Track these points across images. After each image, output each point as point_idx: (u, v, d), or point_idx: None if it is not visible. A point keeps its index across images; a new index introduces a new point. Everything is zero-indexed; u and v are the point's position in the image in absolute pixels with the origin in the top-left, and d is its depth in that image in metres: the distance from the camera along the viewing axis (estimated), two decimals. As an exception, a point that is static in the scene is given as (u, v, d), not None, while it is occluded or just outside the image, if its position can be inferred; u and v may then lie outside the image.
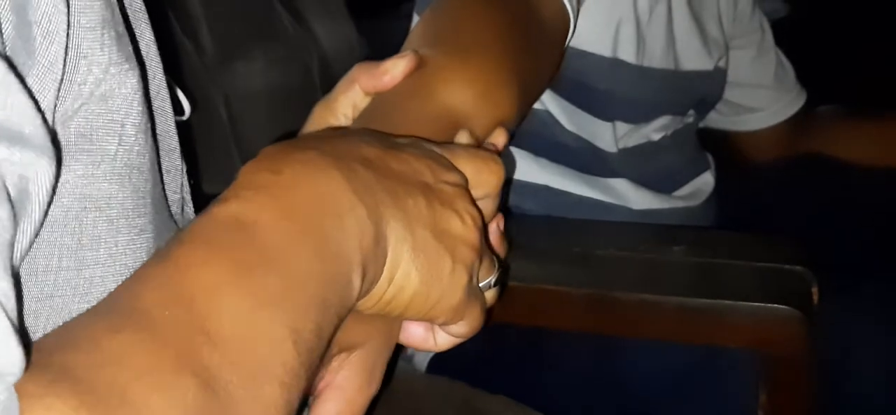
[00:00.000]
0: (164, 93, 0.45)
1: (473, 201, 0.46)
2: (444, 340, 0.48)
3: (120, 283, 0.35)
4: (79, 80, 0.35)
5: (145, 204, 0.39)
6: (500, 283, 0.49)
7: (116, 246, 0.38)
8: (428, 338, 0.48)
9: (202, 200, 0.47)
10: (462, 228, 0.43)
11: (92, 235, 0.37)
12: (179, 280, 0.32)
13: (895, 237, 0.97)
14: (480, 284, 0.47)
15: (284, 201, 0.36)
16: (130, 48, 0.38)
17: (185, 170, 0.48)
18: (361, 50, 0.97)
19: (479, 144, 0.57)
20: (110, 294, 0.32)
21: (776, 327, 0.67)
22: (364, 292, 0.39)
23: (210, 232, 0.34)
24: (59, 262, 0.36)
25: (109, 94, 0.37)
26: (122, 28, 0.38)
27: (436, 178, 0.44)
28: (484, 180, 0.48)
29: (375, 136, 0.46)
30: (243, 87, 0.85)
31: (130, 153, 0.38)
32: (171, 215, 0.44)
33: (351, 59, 0.95)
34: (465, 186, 0.46)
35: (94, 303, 0.32)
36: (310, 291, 0.34)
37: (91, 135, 0.36)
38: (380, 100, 0.59)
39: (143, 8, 0.44)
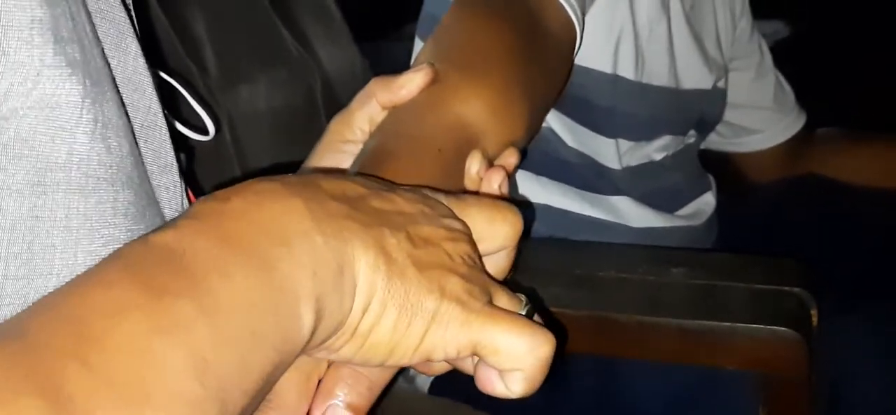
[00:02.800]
0: (156, 107, 0.44)
1: (474, 247, 0.42)
2: (516, 385, 0.40)
3: None
4: (6, 80, 0.34)
5: (116, 215, 0.38)
6: (534, 314, 0.42)
7: (75, 257, 0.37)
8: (498, 383, 0.40)
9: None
10: (450, 263, 0.39)
11: (45, 244, 0.36)
12: (78, 301, 0.30)
13: (895, 259, 0.98)
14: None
15: (223, 229, 0.34)
16: (78, 55, 0.37)
17: (184, 188, 0.48)
18: (364, 72, 0.97)
19: (490, 163, 0.57)
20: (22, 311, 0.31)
21: (776, 349, 0.67)
22: (329, 328, 0.36)
23: (134, 255, 0.33)
24: (6, 270, 0.35)
25: (52, 101, 0.36)
26: (67, 33, 0.37)
27: (427, 222, 0.41)
28: (497, 231, 0.45)
29: (370, 179, 0.42)
30: (247, 109, 0.86)
31: (93, 164, 0.37)
32: None
33: (354, 82, 0.96)
34: (462, 231, 0.42)
35: None
36: (234, 321, 0.32)
37: (33, 141, 0.35)
38: (395, 113, 0.60)
39: (128, 22, 0.43)
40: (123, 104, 0.41)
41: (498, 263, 0.46)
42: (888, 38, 1.57)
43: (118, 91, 0.41)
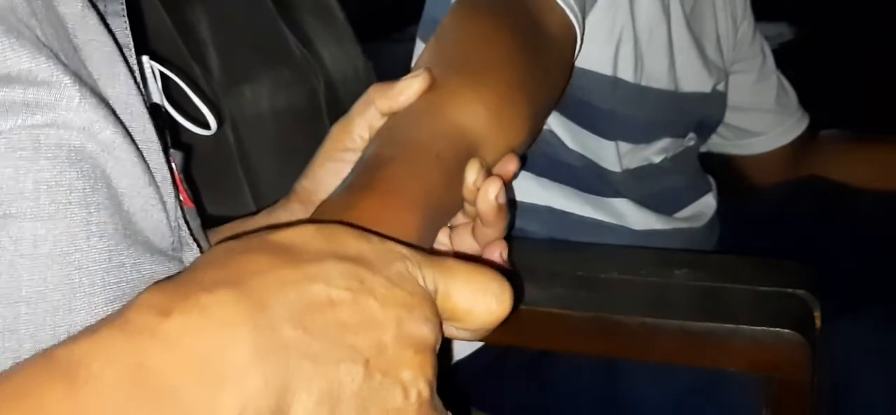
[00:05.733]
0: (150, 127, 0.44)
1: (432, 367, 0.39)
2: None
3: (49, 320, 0.34)
4: None
5: (90, 237, 0.37)
6: None
7: (45, 283, 0.36)
8: None
9: (208, 221, 0.48)
10: (402, 403, 0.37)
11: (10, 273, 0.35)
12: None
13: (897, 261, 0.97)
14: None
15: (147, 356, 0.31)
16: (48, 93, 0.36)
17: (178, 197, 0.48)
18: (367, 73, 0.98)
19: (489, 172, 0.57)
20: None
21: (778, 350, 0.67)
22: None
23: (27, 381, 0.29)
24: None
25: (8, 131, 0.35)
26: (42, 76, 0.36)
27: (398, 333, 0.37)
28: (474, 320, 0.43)
29: (354, 267, 0.38)
30: (250, 109, 0.86)
31: (62, 189, 0.36)
32: (152, 246, 0.43)
33: (357, 83, 0.96)
34: (431, 346, 0.39)
35: (21, 339, 0.32)
36: None
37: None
38: (394, 119, 0.59)
39: (117, 50, 0.43)
40: (129, 132, 0.41)
41: (474, 336, 0.45)
42: (891, 40, 1.57)
43: (119, 118, 0.41)
